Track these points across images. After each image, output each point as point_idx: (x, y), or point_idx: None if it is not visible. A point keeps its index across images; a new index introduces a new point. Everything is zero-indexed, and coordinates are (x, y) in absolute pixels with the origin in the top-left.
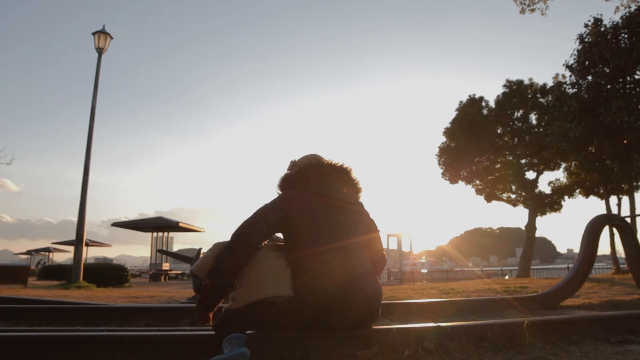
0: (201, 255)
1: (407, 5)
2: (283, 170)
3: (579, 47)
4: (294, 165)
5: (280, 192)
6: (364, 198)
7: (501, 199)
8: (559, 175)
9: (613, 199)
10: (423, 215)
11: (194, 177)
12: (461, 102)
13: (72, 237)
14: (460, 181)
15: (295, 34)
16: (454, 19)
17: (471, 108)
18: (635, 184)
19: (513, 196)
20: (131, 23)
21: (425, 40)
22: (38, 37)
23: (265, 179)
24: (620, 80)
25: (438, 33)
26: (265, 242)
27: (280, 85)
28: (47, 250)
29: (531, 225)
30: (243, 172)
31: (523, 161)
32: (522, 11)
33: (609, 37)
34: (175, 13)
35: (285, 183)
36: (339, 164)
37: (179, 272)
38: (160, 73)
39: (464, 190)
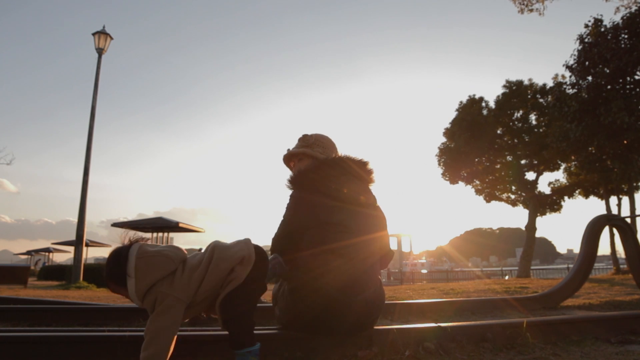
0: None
1: (405, 4)
2: (290, 150)
3: (579, 48)
4: (313, 141)
5: (294, 189)
6: (375, 191)
7: (501, 199)
8: (559, 175)
9: (613, 200)
10: (423, 215)
11: (192, 177)
12: (461, 102)
13: (71, 237)
14: (460, 181)
15: (291, 34)
16: (454, 19)
17: (471, 108)
18: (635, 184)
19: (513, 196)
20: (131, 24)
21: (425, 40)
22: (38, 37)
23: (264, 179)
24: (621, 80)
25: (438, 33)
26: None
27: (277, 85)
28: (47, 250)
29: (531, 226)
30: (241, 172)
31: (523, 162)
32: (521, 11)
33: (609, 37)
34: (174, 14)
35: (301, 181)
36: (359, 160)
37: None
38: (159, 73)
39: (464, 191)
